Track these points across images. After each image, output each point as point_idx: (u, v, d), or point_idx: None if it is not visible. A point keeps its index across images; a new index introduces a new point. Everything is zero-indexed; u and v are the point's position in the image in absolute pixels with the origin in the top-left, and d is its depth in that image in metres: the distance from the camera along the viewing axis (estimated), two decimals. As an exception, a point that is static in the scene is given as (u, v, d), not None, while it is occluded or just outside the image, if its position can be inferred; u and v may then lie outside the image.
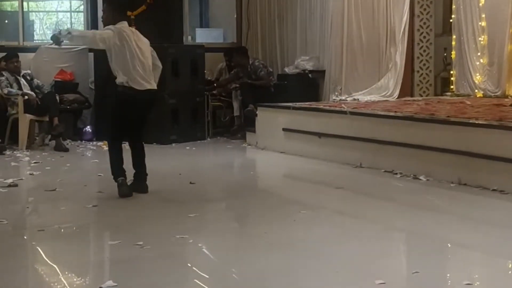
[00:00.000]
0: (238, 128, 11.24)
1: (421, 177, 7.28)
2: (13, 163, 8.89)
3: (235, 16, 13.05)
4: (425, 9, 11.11)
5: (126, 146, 6.91)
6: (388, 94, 10.63)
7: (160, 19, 10.47)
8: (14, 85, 10.10)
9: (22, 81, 10.21)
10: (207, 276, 4.29)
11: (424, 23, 11.11)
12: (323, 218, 5.89)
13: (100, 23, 11.34)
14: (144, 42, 6.74)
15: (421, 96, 11.05)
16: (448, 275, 4.50)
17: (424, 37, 11.13)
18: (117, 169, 6.63)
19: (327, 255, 4.72)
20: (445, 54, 11.40)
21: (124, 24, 6.67)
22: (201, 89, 11.13)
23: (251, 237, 5.33)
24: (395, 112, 8.36)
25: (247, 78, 11.00)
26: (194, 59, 11.05)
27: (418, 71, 11.15)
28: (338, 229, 5.48)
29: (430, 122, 7.59)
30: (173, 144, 10.41)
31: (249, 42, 12.46)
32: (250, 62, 11.13)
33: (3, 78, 10.08)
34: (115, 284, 4.03)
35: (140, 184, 6.73)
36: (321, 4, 11.10)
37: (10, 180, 7.35)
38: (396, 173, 7.58)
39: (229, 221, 6.15)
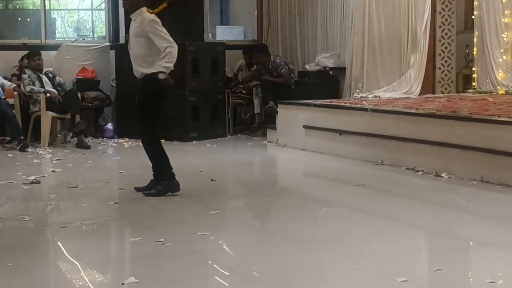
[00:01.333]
0: (259, 125, 11.25)
1: (442, 175, 7.24)
2: (35, 160, 8.94)
3: (256, 13, 13.04)
4: (446, 6, 11.04)
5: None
6: (409, 91, 10.58)
7: (181, 17, 10.47)
8: (37, 82, 10.16)
9: (44, 78, 10.26)
10: (228, 273, 4.29)
11: (446, 20, 11.04)
12: (344, 216, 5.88)
13: (122, 21, 11.50)
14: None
15: (443, 93, 10.98)
16: (470, 273, 4.48)
17: (446, 33, 11.06)
18: (170, 167, 6.56)
19: (348, 252, 4.71)
20: (467, 51, 11.33)
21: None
22: (221, 86, 11.14)
23: (271, 234, 5.32)
24: (417, 109, 8.31)
25: (268, 75, 11.00)
26: (214, 56, 11.06)
27: (439, 68, 11.08)
28: (359, 226, 5.46)
29: (452, 119, 7.55)
30: (194, 142, 10.43)
31: (270, 40, 12.45)
32: (272, 59, 11.14)
33: (26, 76, 10.14)
34: (137, 280, 4.05)
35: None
36: (341, 1, 11.06)
37: (32, 177, 7.41)
38: (418, 171, 7.54)
39: (250, 218, 6.15)
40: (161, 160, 6.54)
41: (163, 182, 6.51)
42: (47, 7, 12.03)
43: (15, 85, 10.44)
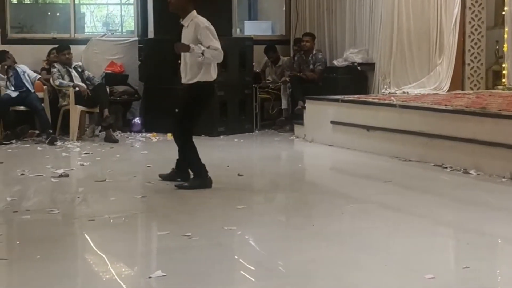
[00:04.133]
0: (286, 120, 11.25)
1: (471, 171, 7.19)
2: (64, 154, 9.02)
3: (284, 8, 13.03)
4: (477, 1, 10.92)
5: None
6: (438, 87, 10.51)
7: (209, 12, 10.40)
8: (66, 76, 10.23)
9: (74, 73, 10.33)
10: (254, 268, 4.30)
11: (476, 16, 10.93)
12: (371, 212, 5.85)
13: (150, 15, 11.54)
14: None
15: (472, 89, 10.89)
16: (499, 271, 4.43)
17: (476, 29, 10.95)
18: (201, 163, 6.65)
19: (375, 248, 4.69)
20: (497, 47, 11.22)
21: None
22: (249, 81, 11.15)
23: (298, 230, 5.31)
24: (445, 105, 8.25)
25: (303, 65, 11.01)
26: (242, 51, 11.07)
27: (469, 64, 10.98)
28: (386, 222, 5.44)
29: (481, 115, 7.48)
30: (221, 136, 10.45)
31: (298, 35, 12.40)
32: (314, 52, 11.13)
33: (55, 70, 10.22)
34: (164, 274, 4.06)
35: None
36: (370, -4, 11.02)
37: (61, 171, 7.47)
38: (446, 167, 7.49)
39: (277, 213, 6.14)
40: (196, 160, 6.62)
41: (197, 177, 6.60)
42: (76, 2, 12.12)
43: (40, 76, 10.53)
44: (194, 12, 6.56)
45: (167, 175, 6.92)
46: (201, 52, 6.36)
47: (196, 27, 6.45)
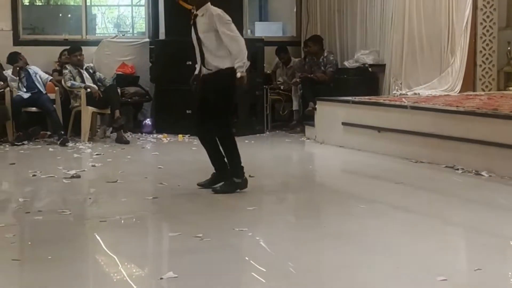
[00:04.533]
0: (297, 122, 11.25)
1: (483, 173, 7.16)
2: (75, 155, 9.04)
3: (295, 9, 13.02)
4: (488, 2, 10.88)
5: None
6: (449, 88, 10.47)
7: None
8: (77, 78, 10.26)
9: (85, 74, 10.37)
10: (264, 269, 4.29)
11: (488, 17, 10.89)
12: (382, 213, 5.84)
13: (161, 17, 11.56)
14: None
15: (484, 90, 10.84)
16: (511, 273, 4.41)
17: (487, 30, 10.91)
18: (241, 164, 6.55)
19: (386, 249, 4.68)
20: (508, 48, 11.18)
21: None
22: (260, 82, 11.15)
23: (309, 231, 5.31)
24: (457, 106, 8.23)
25: (315, 67, 11.02)
26: (253, 52, 11.02)
27: (480, 65, 10.95)
28: (397, 224, 5.43)
29: (492, 117, 7.45)
30: (232, 137, 10.43)
31: (309, 36, 12.40)
32: (325, 53, 11.14)
33: (67, 71, 10.26)
34: (176, 275, 4.07)
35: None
36: (381, -3, 11.01)
37: (73, 172, 7.50)
38: (457, 169, 7.47)
39: (287, 215, 6.14)
40: (236, 156, 6.53)
41: (233, 179, 6.48)
42: (88, 3, 12.16)
43: (51, 77, 10.57)
44: (209, 3, 6.57)
45: (207, 182, 6.67)
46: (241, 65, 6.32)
47: (210, 16, 6.44)
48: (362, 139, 9.05)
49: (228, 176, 6.57)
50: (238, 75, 6.29)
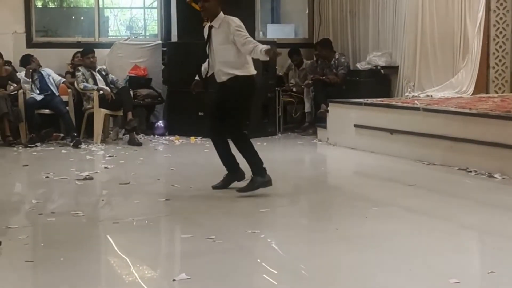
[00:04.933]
0: (309, 124, 11.24)
1: (496, 175, 7.13)
2: (88, 157, 9.07)
3: (307, 11, 13.02)
4: (501, 4, 10.84)
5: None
6: (462, 90, 10.44)
7: (231, 15, 10.47)
8: (90, 80, 10.30)
9: (98, 76, 10.40)
10: (276, 272, 4.29)
11: (501, 18, 10.85)
12: (394, 215, 5.82)
13: (174, 19, 11.58)
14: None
15: (497, 92, 10.80)
16: (524, 275, 4.39)
17: (501, 32, 10.87)
18: (261, 163, 6.55)
19: (399, 252, 4.67)
20: (522, 50, 11.13)
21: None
22: (272, 84, 11.14)
23: (321, 233, 5.30)
24: (470, 108, 8.20)
25: (327, 70, 11.02)
26: (265, 54, 11.04)
27: (493, 67, 10.90)
28: (410, 226, 5.41)
29: (505, 119, 7.42)
30: (244, 139, 10.43)
31: (321, 38, 12.40)
32: (337, 56, 11.13)
33: (80, 73, 10.29)
34: (188, 277, 4.07)
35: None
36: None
37: (85, 173, 7.52)
38: (470, 171, 7.44)
39: (300, 217, 6.14)
40: (253, 156, 6.54)
41: (256, 177, 6.49)
42: (100, 6, 12.20)
43: (64, 79, 10.61)
44: (221, 13, 6.56)
45: (221, 184, 6.72)
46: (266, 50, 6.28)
47: (228, 27, 6.43)
48: (375, 141, 9.03)
49: (240, 177, 6.65)
50: (264, 50, 6.21)
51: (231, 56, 6.44)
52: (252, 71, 6.58)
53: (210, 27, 6.56)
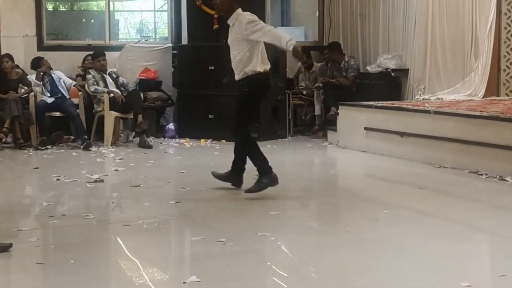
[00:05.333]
0: (319, 127, 11.23)
1: (507, 178, 7.11)
2: (98, 159, 9.09)
3: (317, 14, 13.00)
4: (512, 7, 10.83)
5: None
6: (473, 93, 10.41)
7: (242, 18, 10.50)
8: (101, 83, 10.32)
9: (108, 79, 10.42)
10: (286, 274, 4.29)
11: (512, 21, 10.84)
12: (405, 218, 5.81)
13: (184, 22, 11.60)
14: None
15: (508, 95, 10.76)
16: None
17: (512, 35, 10.85)
18: (266, 161, 6.57)
19: (409, 255, 4.66)
20: (533, 53, 11.10)
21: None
22: (282, 87, 11.14)
23: (331, 236, 5.30)
24: (481, 111, 8.18)
25: (337, 73, 11.02)
26: (275, 57, 11.00)
27: (504, 70, 10.87)
28: (420, 229, 5.40)
29: (517, 122, 7.41)
30: (254, 142, 10.43)
31: (331, 41, 12.39)
32: (346, 59, 11.13)
33: (90, 76, 10.32)
34: (199, 279, 4.07)
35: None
36: (404, 2, 10.94)
37: (96, 176, 7.53)
38: (481, 174, 7.42)
39: (310, 220, 6.13)
40: (255, 155, 6.57)
41: (262, 177, 6.50)
42: (110, 9, 12.22)
43: (75, 82, 10.64)
44: (239, 10, 6.53)
45: (220, 175, 6.89)
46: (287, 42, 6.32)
47: (240, 25, 6.44)
48: (385, 144, 9.01)
49: (235, 182, 6.77)
50: (290, 48, 6.28)
51: (245, 53, 6.45)
52: (265, 67, 6.55)
53: (228, 26, 6.60)
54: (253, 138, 6.72)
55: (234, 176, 6.80)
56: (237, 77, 6.59)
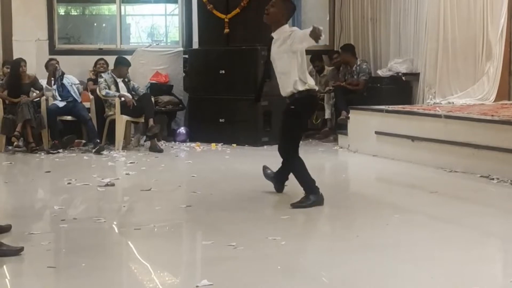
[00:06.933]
0: (330, 131, 11.22)
1: (519, 183, 7.09)
2: (110, 163, 9.11)
3: (328, 18, 13.00)
4: (523, 10, 10.79)
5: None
6: (484, 97, 10.39)
7: (252, 22, 10.52)
8: (112, 86, 10.34)
9: (120, 83, 10.45)
10: (297, 279, 4.29)
11: (523, 25, 10.80)
12: (417, 223, 5.80)
13: (195, 26, 11.62)
14: None
15: (519, 99, 10.75)
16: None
17: (523, 39, 10.82)
18: (313, 182, 6.51)
19: (421, 260, 4.65)
20: (544, 57, 11.06)
21: None
22: (293, 91, 11.13)
23: (342, 240, 5.29)
24: (492, 115, 8.16)
25: (349, 77, 11.02)
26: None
27: (516, 74, 10.86)
28: (432, 234, 5.38)
29: (528, 126, 7.38)
30: (265, 146, 10.45)
31: (342, 44, 12.38)
32: (358, 62, 11.12)
33: (102, 79, 10.35)
34: (211, 283, 4.08)
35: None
36: (415, 6, 10.93)
37: (107, 180, 7.55)
38: (493, 179, 7.40)
39: (321, 224, 6.13)
40: (302, 176, 6.51)
41: (309, 195, 6.41)
42: (122, 13, 12.26)
43: (80, 85, 10.66)
44: (287, 26, 6.36)
45: (268, 174, 6.97)
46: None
47: (284, 38, 6.25)
48: (396, 148, 9.00)
49: (278, 186, 6.85)
50: (309, 34, 5.85)
51: (288, 67, 6.28)
52: (310, 85, 6.37)
53: (271, 38, 6.40)
54: (301, 160, 6.58)
55: (278, 181, 6.85)
56: (284, 94, 6.45)
